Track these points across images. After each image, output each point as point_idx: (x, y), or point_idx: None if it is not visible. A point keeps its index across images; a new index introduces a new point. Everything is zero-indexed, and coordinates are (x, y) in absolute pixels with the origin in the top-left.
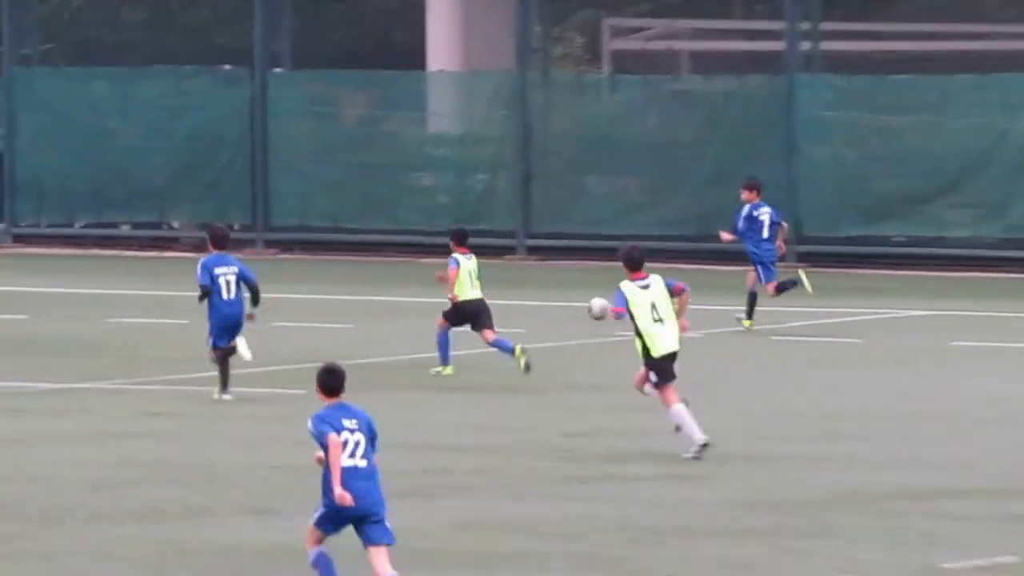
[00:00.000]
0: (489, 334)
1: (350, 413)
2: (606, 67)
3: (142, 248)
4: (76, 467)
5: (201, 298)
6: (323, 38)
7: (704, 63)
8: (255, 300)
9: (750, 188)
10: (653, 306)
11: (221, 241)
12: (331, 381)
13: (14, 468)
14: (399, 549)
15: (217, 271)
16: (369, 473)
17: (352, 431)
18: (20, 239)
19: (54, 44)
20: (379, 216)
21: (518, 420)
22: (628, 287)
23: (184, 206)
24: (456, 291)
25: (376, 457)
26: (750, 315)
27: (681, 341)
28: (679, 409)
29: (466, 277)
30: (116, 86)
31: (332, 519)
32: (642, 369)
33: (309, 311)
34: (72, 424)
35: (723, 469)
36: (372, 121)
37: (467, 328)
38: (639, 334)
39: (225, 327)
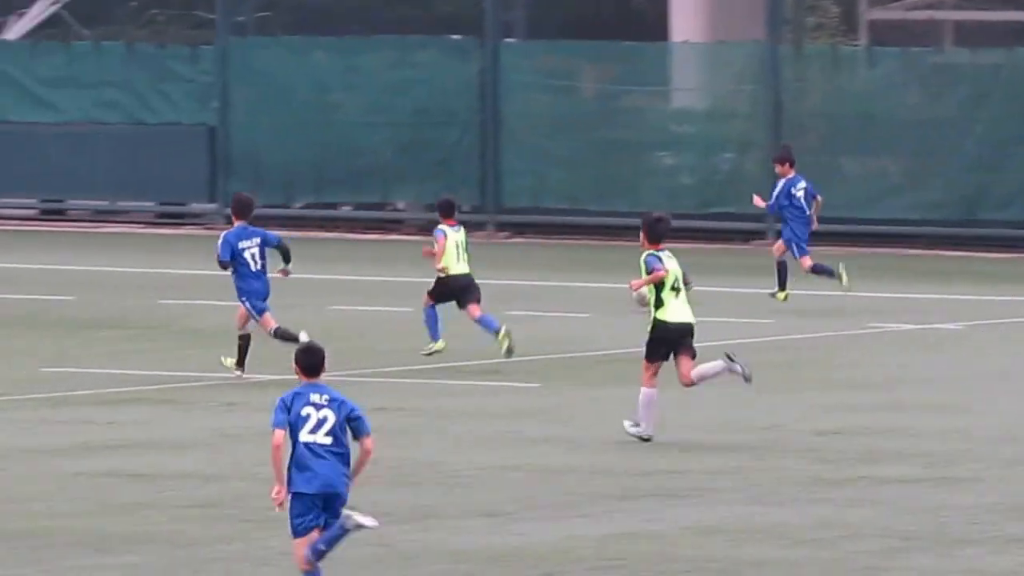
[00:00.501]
0: (474, 309)
1: (322, 391)
2: (863, 39)
3: (365, 231)
4: None
5: (223, 268)
6: (559, 6)
7: (969, 34)
8: (287, 257)
9: (783, 161)
10: (673, 276)
11: (245, 211)
12: (310, 359)
13: (229, 466)
14: (636, 555)
15: (241, 245)
16: (332, 451)
17: (319, 407)
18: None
19: (271, 12)
20: (618, 197)
21: (766, 418)
22: (655, 253)
23: (409, 186)
24: (444, 263)
25: (367, 442)
26: (783, 286)
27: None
28: (649, 393)
29: (453, 249)
30: (337, 57)
31: (306, 505)
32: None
33: (542, 298)
34: None
35: (986, 472)
36: (611, 95)
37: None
38: (657, 306)
39: (260, 299)
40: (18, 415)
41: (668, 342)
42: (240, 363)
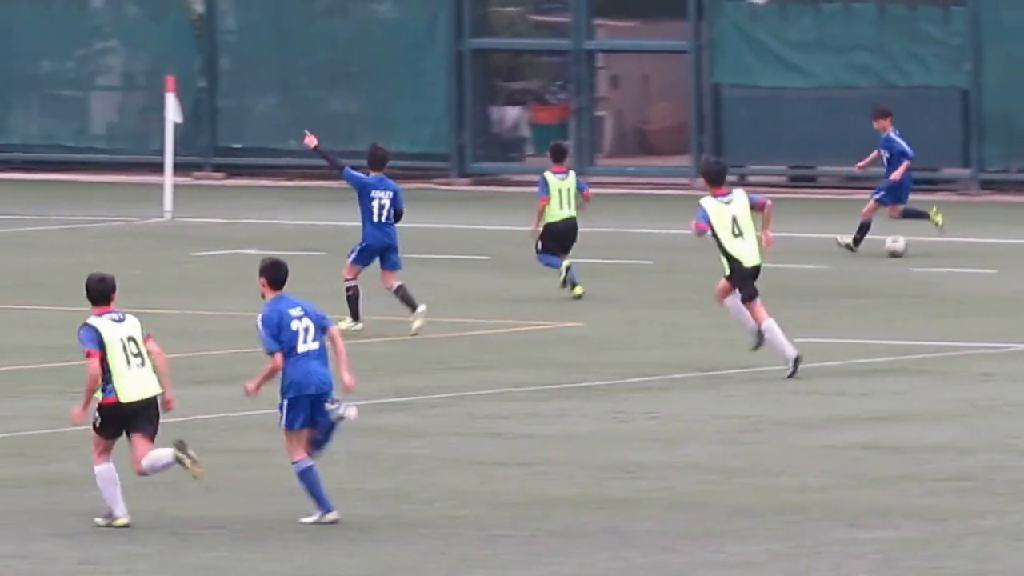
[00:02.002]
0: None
1: (293, 303)
2: None
3: None
4: None
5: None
6: None
7: None
8: (396, 221)
9: (883, 116)
10: (734, 220)
11: (379, 163)
12: (278, 274)
13: (983, 437)
14: None
15: (375, 193)
16: (319, 354)
17: (299, 318)
18: (988, 185)
19: None
20: None
21: None
22: (709, 202)
23: None
24: (547, 213)
25: (333, 330)
26: (928, 213)
27: (764, 255)
28: (770, 324)
29: (556, 196)
30: None
31: (296, 408)
32: (723, 280)
33: None
34: None
35: None
36: None
37: None
38: (723, 251)
39: (372, 250)
40: (771, 387)
41: (744, 277)
42: (354, 316)
